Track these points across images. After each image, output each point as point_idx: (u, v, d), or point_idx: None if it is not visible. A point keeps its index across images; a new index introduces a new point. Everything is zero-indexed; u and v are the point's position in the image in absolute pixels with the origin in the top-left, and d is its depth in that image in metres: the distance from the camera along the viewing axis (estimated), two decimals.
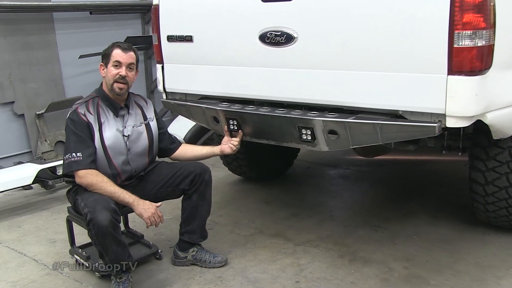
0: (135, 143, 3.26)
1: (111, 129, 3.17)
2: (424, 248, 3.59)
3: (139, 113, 3.33)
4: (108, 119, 3.18)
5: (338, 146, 3.06)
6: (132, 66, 3.18)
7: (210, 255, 3.45)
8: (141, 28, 6.94)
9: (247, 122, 3.39)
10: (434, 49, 2.63)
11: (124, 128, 3.22)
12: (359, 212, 4.31)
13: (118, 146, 3.19)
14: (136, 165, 3.30)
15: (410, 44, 2.70)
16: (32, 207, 4.73)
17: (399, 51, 2.74)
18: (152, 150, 3.36)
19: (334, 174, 5.35)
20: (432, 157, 5.62)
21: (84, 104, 3.16)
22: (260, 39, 3.23)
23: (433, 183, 4.91)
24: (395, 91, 2.81)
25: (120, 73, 3.12)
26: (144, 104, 3.40)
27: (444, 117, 2.68)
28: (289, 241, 3.80)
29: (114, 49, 3.15)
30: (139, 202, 3.09)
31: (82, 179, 3.04)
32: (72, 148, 3.06)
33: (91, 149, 3.08)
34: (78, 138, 3.07)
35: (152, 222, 3.07)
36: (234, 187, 5.05)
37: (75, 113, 3.12)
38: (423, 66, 2.68)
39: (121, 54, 3.14)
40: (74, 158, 3.04)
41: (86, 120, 3.10)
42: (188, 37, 3.62)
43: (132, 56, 3.18)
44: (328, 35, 2.98)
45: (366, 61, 2.87)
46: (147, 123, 3.34)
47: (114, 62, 3.14)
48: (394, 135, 2.85)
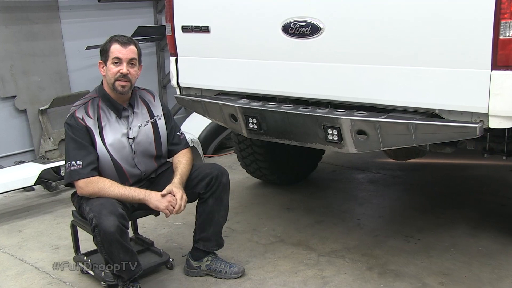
0: (141, 144, 3.27)
1: (113, 132, 3.18)
2: (463, 262, 3.56)
3: (145, 111, 3.34)
4: (110, 122, 3.19)
5: (367, 147, 3.05)
6: (134, 61, 3.16)
7: (226, 265, 3.46)
8: (153, 18, 6.99)
9: (268, 120, 3.39)
10: (476, 40, 2.60)
11: (129, 130, 3.23)
12: (389, 221, 4.28)
13: (122, 150, 3.20)
14: (145, 168, 3.32)
15: (449, 35, 2.68)
16: (34, 210, 4.79)
17: (437, 43, 2.72)
18: (160, 151, 3.37)
19: (362, 179, 5.32)
20: (472, 161, 5.57)
21: (82, 107, 3.16)
22: (283, 30, 3.23)
23: (473, 190, 4.86)
24: (432, 88, 2.79)
25: (121, 70, 3.11)
26: (151, 100, 3.40)
27: (487, 117, 2.66)
28: (312, 251, 3.80)
29: (112, 44, 3.13)
30: (151, 195, 3.10)
31: (84, 189, 3.05)
32: (71, 156, 3.08)
33: (92, 156, 3.09)
34: (78, 145, 3.08)
35: (170, 211, 3.08)
36: (253, 191, 5.05)
37: (72, 117, 3.13)
38: (463, 60, 2.66)
39: (120, 50, 3.12)
40: (74, 167, 3.05)
41: (85, 125, 3.10)
42: (205, 27, 3.63)
43: (133, 50, 3.16)
44: (357, 26, 2.97)
45: (400, 55, 2.86)
46: (154, 121, 3.34)
47: (114, 59, 3.12)
48: (430, 137, 2.83)
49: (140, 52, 3.22)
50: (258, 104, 3.44)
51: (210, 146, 6.21)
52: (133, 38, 3.24)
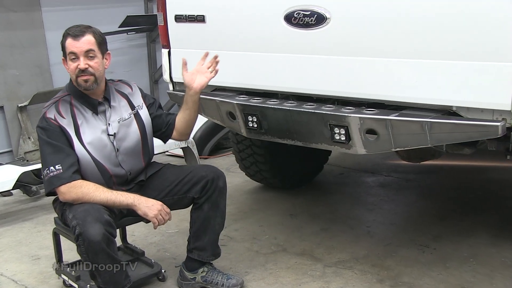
0: (123, 140, 3.27)
1: (91, 130, 3.17)
2: (484, 275, 3.56)
3: (124, 103, 3.33)
4: (87, 119, 3.18)
5: (377, 148, 3.05)
6: (92, 52, 3.12)
7: (223, 277, 3.46)
8: (143, 6, 7.01)
9: (269, 118, 3.40)
10: (498, 30, 2.60)
11: (108, 125, 3.23)
12: (402, 228, 4.29)
13: (103, 149, 3.19)
14: (130, 167, 3.31)
15: (468, 24, 2.68)
16: (12, 217, 4.79)
17: (455, 34, 2.72)
18: (146, 145, 3.36)
19: (372, 182, 5.33)
20: (493, 163, 5.57)
21: (53, 106, 3.15)
22: (285, 19, 3.24)
23: (494, 195, 4.86)
24: (449, 83, 2.80)
25: (78, 66, 3.10)
26: (129, 91, 3.39)
27: (510, 115, 2.66)
28: (318, 261, 3.80)
29: (66, 39, 3.13)
30: (141, 200, 3.11)
31: (66, 195, 3.04)
32: (49, 161, 3.06)
33: (71, 158, 3.08)
34: (54, 148, 3.07)
35: (159, 221, 3.10)
36: (253, 196, 5.06)
37: (44, 119, 3.12)
38: (483, 53, 2.66)
39: (73, 43, 3.09)
40: (54, 172, 3.03)
41: (58, 125, 3.09)
42: (200, 16, 3.64)
43: (88, 41, 3.11)
44: (367, 15, 2.98)
45: (414, 47, 2.86)
46: (136, 112, 3.34)
47: (69, 54, 3.11)
48: (446, 136, 2.84)
49: (101, 41, 3.16)
50: (259, 100, 3.45)
51: (206, 147, 6.23)
52: (89, 26, 3.18)
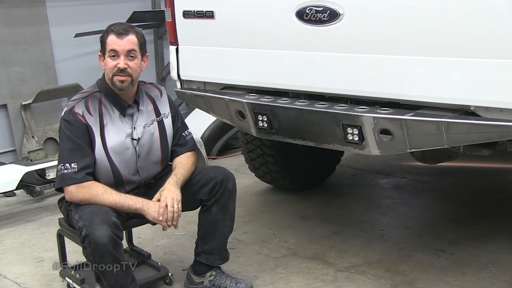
0: (145, 147, 3.29)
1: (116, 132, 3.19)
2: (503, 282, 3.54)
3: (151, 109, 3.35)
4: (113, 120, 3.20)
5: (392, 149, 3.05)
6: (134, 53, 3.15)
7: (231, 281, 3.47)
8: (150, 1, 7.02)
9: (279, 118, 3.40)
10: None
11: (134, 130, 3.25)
12: (417, 232, 4.28)
13: (125, 153, 3.22)
14: (147, 174, 3.35)
15: (486, 21, 2.67)
16: (15, 218, 4.82)
17: (473, 30, 2.71)
18: (166, 154, 3.39)
19: (386, 184, 5.32)
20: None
21: (82, 101, 3.17)
22: (297, 16, 3.24)
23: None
24: (466, 82, 2.79)
25: (118, 65, 3.12)
26: (157, 95, 3.41)
27: None
28: (330, 265, 3.81)
29: (108, 35, 3.14)
30: (149, 205, 3.12)
31: (74, 195, 3.07)
32: (66, 158, 3.09)
33: (88, 159, 3.10)
34: (74, 145, 3.09)
35: (169, 222, 3.12)
36: (262, 198, 5.07)
37: (71, 113, 3.13)
38: (503, 49, 2.65)
39: (117, 41, 3.11)
40: (68, 170, 3.06)
41: (85, 123, 3.12)
42: (209, 12, 3.64)
43: (132, 40, 3.14)
44: (381, 11, 2.97)
45: (430, 43, 2.85)
46: (160, 120, 3.36)
47: (110, 51, 3.12)
48: (464, 137, 2.83)
49: (142, 42, 3.21)
50: (269, 99, 3.45)
51: (214, 147, 6.23)
52: (133, 26, 3.23)
